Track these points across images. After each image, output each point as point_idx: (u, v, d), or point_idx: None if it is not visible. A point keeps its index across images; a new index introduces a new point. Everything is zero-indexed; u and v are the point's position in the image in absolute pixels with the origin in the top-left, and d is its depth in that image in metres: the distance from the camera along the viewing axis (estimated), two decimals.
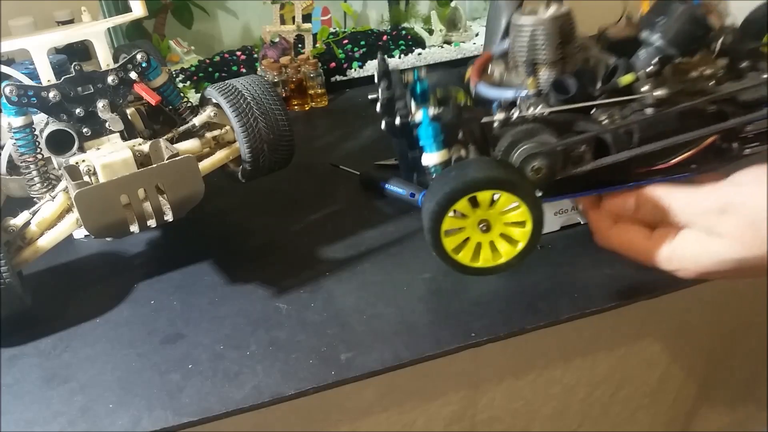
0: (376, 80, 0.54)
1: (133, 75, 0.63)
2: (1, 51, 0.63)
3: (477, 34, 1.24)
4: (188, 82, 1.08)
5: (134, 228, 0.59)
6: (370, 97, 0.55)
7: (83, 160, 0.60)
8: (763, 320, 0.77)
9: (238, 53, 1.15)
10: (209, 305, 0.63)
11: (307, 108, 1.07)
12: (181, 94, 0.70)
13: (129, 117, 0.67)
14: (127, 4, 0.68)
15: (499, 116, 0.50)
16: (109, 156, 0.59)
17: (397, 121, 0.52)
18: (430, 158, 0.51)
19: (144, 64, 0.64)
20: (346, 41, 1.18)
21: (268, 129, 0.68)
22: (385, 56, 0.60)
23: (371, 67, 1.15)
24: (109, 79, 0.63)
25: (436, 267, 0.65)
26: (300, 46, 1.12)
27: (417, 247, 0.68)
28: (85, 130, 0.63)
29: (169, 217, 0.60)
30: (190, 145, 0.67)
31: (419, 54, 1.18)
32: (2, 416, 0.53)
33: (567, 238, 0.67)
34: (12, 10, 0.95)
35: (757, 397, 0.87)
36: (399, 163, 0.58)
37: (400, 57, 1.17)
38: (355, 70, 1.15)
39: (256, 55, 1.14)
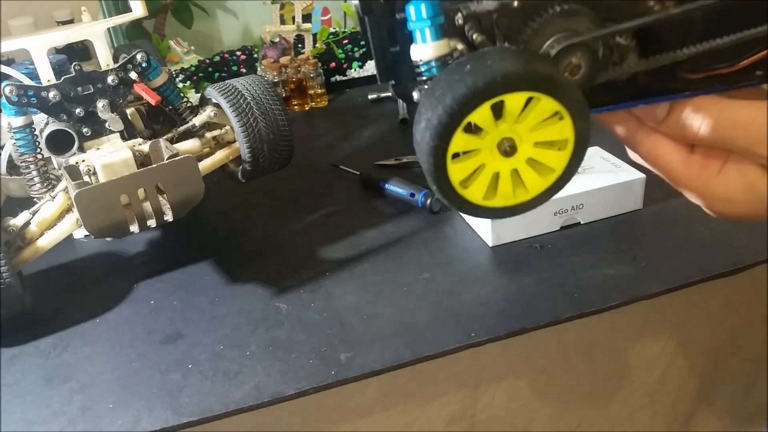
0: None
1: (133, 75, 0.63)
2: (1, 51, 0.63)
3: None
4: (188, 82, 1.09)
5: (134, 228, 0.59)
6: (370, 97, 0.52)
7: (83, 160, 0.60)
8: (763, 320, 0.77)
9: (238, 53, 1.15)
10: (209, 305, 0.63)
11: (307, 108, 1.07)
12: (181, 94, 0.70)
13: (129, 117, 0.67)
14: (127, 4, 0.68)
15: None
16: (109, 156, 0.59)
17: None
18: (422, 51, 0.35)
19: (144, 64, 0.64)
20: (346, 41, 1.18)
21: (268, 129, 0.68)
22: None
23: (371, 67, 1.15)
24: (109, 79, 0.63)
25: (435, 267, 0.65)
26: (300, 46, 1.12)
27: (417, 247, 0.68)
28: (85, 130, 0.63)
29: (169, 217, 0.60)
30: (190, 145, 0.67)
31: None
32: (2, 416, 0.53)
33: (567, 238, 0.68)
34: (12, 10, 0.95)
35: (757, 397, 0.86)
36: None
37: None
38: (355, 70, 1.15)
39: (256, 55, 1.14)
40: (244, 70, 1.12)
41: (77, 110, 0.62)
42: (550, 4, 0.35)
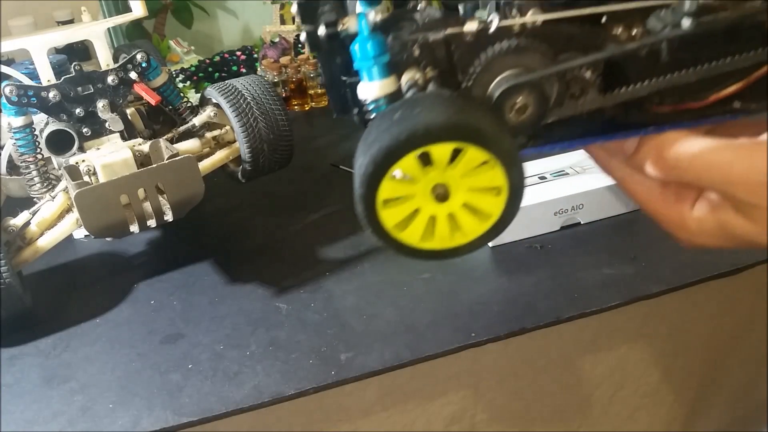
0: None
1: (133, 75, 0.63)
2: (1, 51, 0.63)
3: None
4: (188, 82, 1.08)
5: (134, 228, 0.59)
6: None
7: (83, 160, 0.60)
8: (763, 321, 0.77)
9: (238, 53, 1.15)
10: (209, 305, 0.63)
11: (307, 108, 1.07)
12: (181, 94, 0.70)
13: (129, 117, 0.67)
14: (127, 4, 0.68)
15: (470, 26, 0.34)
16: (109, 156, 0.59)
17: (321, 30, 0.34)
18: (369, 89, 0.34)
19: (144, 64, 0.64)
20: None
21: (268, 129, 0.68)
22: None
23: None
24: (109, 79, 0.63)
25: (435, 267, 0.65)
26: (300, 46, 1.12)
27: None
28: (85, 130, 0.63)
29: (169, 217, 0.60)
30: (190, 145, 0.67)
31: None
32: (2, 416, 0.53)
33: (567, 238, 0.67)
34: (12, 10, 0.95)
35: (757, 397, 0.86)
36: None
37: None
38: None
39: (256, 55, 1.14)
40: (244, 70, 1.11)
41: (77, 110, 0.62)
42: (502, 38, 0.34)
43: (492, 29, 0.33)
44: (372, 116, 0.34)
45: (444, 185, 0.33)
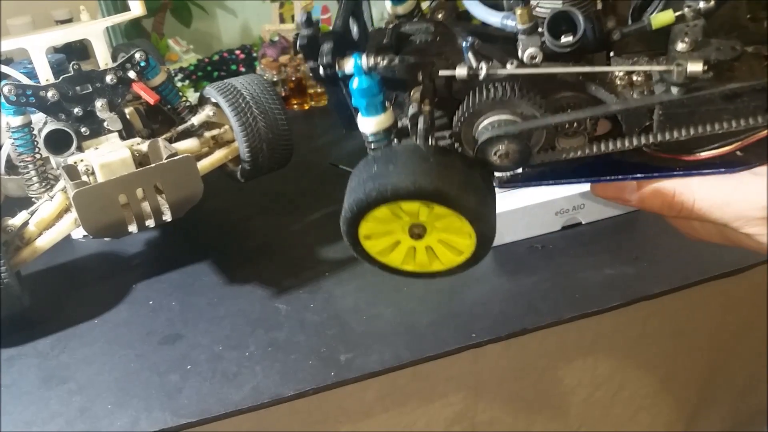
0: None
1: (131, 74, 0.63)
2: (0, 50, 0.62)
3: None
4: (187, 81, 1.08)
5: (132, 228, 0.58)
6: None
7: (81, 160, 0.60)
8: (764, 321, 0.76)
9: (237, 52, 1.14)
10: (208, 306, 0.63)
11: (306, 107, 1.07)
12: (180, 94, 0.70)
13: (127, 116, 0.67)
14: (126, 3, 0.68)
15: (460, 71, 0.35)
16: (108, 155, 0.59)
17: (321, 71, 0.37)
18: (367, 124, 0.37)
19: (143, 63, 0.63)
20: None
21: (267, 128, 0.67)
22: None
23: None
24: (108, 78, 0.62)
25: None
26: None
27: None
28: (83, 129, 0.63)
29: (167, 216, 0.60)
30: (189, 144, 0.67)
31: None
32: (1, 417, 0.52)
33: (568, 238, 0.67)
34: (10, 9, 0.95)
35: (758, 397, 0.86)
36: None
37: None
38: None
39: (255, 54, 1.13)
40: (243, 69, 1.11)
41: (76, 110, 0.62)
42: (491, 83, 0.35)
43: (482, 76, 0.34)
44: (372, 148, 0.37)
45: (421, 225, 0.36)
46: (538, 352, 0.65)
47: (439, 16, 0.39)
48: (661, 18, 0.33)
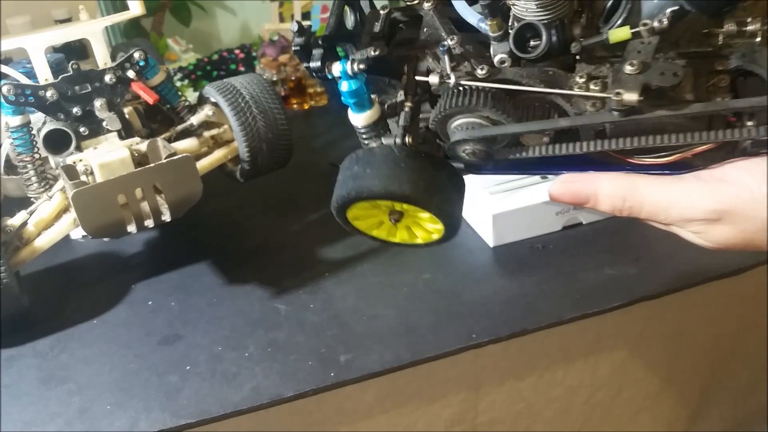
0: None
1: (130, 74, 0.63)
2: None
3: None
4: (186, 81, 1.08)
5: (131, 228, 0.58)
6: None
7: (80, 160, 0.59)
8: (764, 322, 0.76)
9: (237, 51, 1.14)
10: (207, 306, 0.63)
11: (306, 107, 1.07)
12: (179, 93, 0.69)
13: (126, 116, 0.67)
14: (125, 2, 0.67)
15: (433, 79, 0.39)
16: (107, 155, 0.59)
17: (313, 74, 0.41)
18: (356, 119, 0.42)
19: (142, 63, 0.63)
20: None
21: (267, 128, 0.67)
22: None
23: None
24: (107, 77, 0.62)
25: (436, 267, 0.65)
26: None
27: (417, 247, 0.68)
28: (82, 129, 0.62)
29: (166, 217, 0.59)
30: (188, 144, 0.67)
31: None
32: (1, 417, 0.52)
33: (569, 238, 0.67)
34: (10, 9, 0.94)
35: (759, 397, 0.86)
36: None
37: None
38: None
39: (254, 54, 1.13)
40: (242, 69, 1.11)
41: (75, 109, 0.62)
42: (460, 90, 0.38)
43: (451, 84, 0.39)
44: (365, 141, 0.43)
45: (398, 211, 0.41)
46: (539, 352, 0.65)
47: (427, 4, 0.41)
48: (618, 34, 0.35)
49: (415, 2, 0.42)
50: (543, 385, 0.68)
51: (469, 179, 0.42)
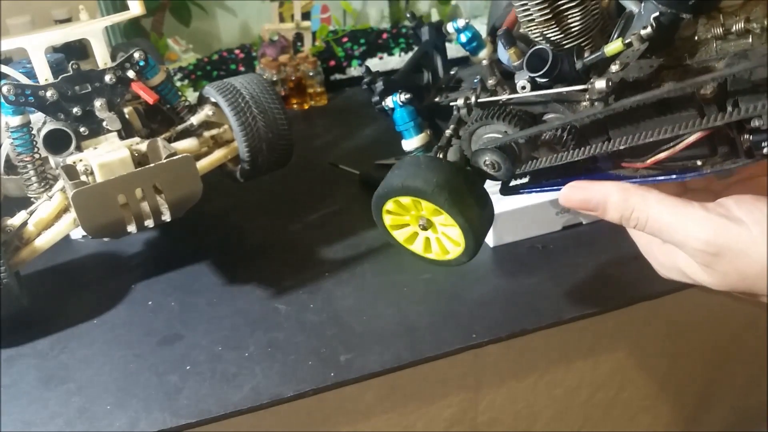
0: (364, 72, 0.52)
1: (130, 74, 0.63)
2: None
3: None
4: (186, 81, 1.08)
5: (131, 228, 0.58)
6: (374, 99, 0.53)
7: (80, 160, 0.59)
8: (764, 321, 0.76)
9: (237, 51, 1.14)
10: (207, 306, 0.63)
11: (306, 107, 1.07)
12: (179, 93, 0.69)
13: (126, 116, 0.67)
14: (125, 2, 0.67)
15: (459, 101, 0.46)
16: (107, 155, 0.59)
17: (377, 107, 0.50)
18: (408, 144, 0.49)
19: (142, 63, 0.63)
20: (345, 39, 1.17)
21: (267, 128, 0.67)
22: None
23: (373, 66, 1.14)
24: (107, 77, 0.62)
25: (436, 267, 0.65)
26: (299, 44, 1.12)
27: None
28: (82, 129, 0.62)
29: (166, 217, 0.59)
30: (188, 144, 0.67)
31: None
32: (1, 417, 0.52)
33: (569, 239, 0.67)
34: (10, 9, 0.94)
35: (758, 397, 0.86)
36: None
37: (400, 55, 1.17)
38: (355, 68, 1.15)
39: (254, 54, 1.13)
40: (242, 69, 1.11)
41: (75, 109, 0.62)
42: (484, 108, 0.44)
43: (472, 101, 0.45)
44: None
45: (427, 219, 0.46)
46: (539, 352, 0.65)
47: (485, 61, 0.46)
48: (613, 48, 0.39)
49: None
50: (543, 385, 0.68)
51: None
